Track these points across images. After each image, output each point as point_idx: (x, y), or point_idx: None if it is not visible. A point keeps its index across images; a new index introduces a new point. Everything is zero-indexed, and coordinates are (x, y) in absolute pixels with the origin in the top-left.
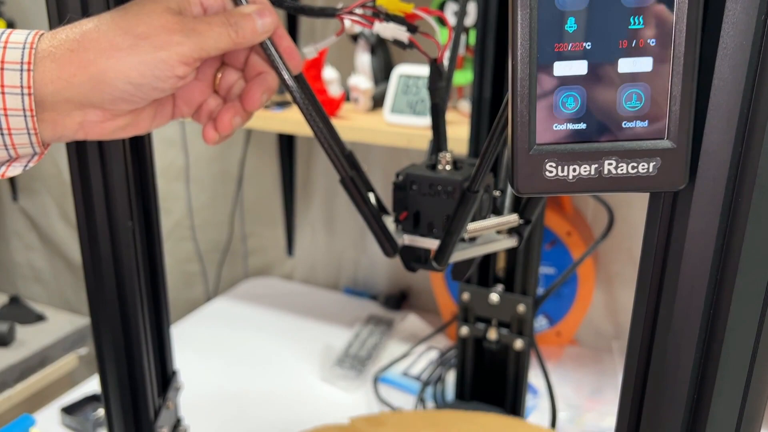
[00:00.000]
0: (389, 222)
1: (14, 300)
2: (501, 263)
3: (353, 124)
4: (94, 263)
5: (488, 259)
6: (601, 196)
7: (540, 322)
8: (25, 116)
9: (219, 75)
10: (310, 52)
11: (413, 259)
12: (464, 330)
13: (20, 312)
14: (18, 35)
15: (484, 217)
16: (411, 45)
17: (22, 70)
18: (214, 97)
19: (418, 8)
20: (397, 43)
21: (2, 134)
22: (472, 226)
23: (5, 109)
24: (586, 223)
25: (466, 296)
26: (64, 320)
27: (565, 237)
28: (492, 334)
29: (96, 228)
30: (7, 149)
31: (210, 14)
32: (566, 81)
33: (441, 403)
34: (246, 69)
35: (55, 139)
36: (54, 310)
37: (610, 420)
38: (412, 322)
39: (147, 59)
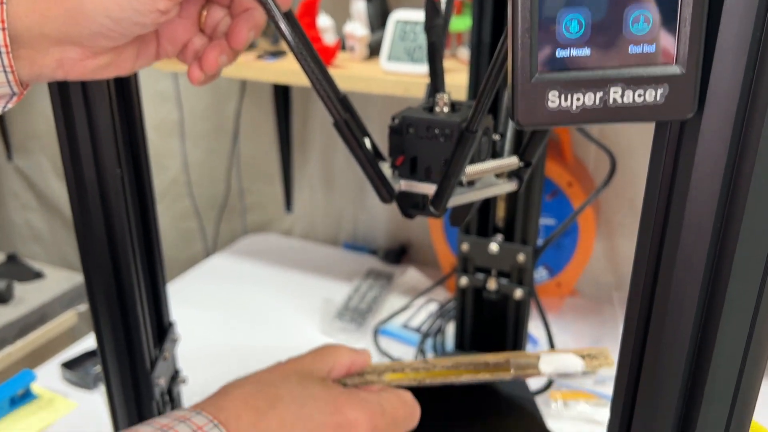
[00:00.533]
0: (386, 168)
1: (12, 258)
2: (501, 213)
3: (349, 73)
4: (82, 211)
5: (488, 209)
6: (603, 142)
7: (540, 274)
8: None
9: (204, 12)
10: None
11: (410, 205)
12: (464, 280)
13: (18, 270)
14: None
15: (483, 161)
16: None
17: None
18: (200, 36)
19: None
20: None
21: None
22: (470, 169)
23: None
24: (588, 174)
25: (465, 247)
26: (62, 277)
27: (566, 187)
28: (492, 284)
29: (83, 176)
30: None
31: None
32: (571, 2)
33: (441, 354)
34: (232, 5)
35: (33, 79)
36: (52, 267)
37: (610, 369)
38: (411, 275)
39: None
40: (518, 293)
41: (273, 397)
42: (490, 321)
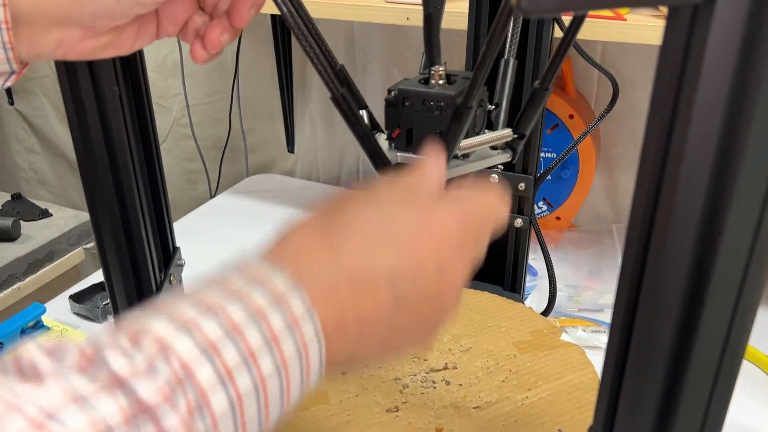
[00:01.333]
0: (382, 140)
1: (17, 197)
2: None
3: (351, 2)
4: (86, 147)
5: None
6: (605, 67)
7: (540, 208)
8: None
9: None
10: None
11: None
12: None
13: (24, 208)
14: None
15: (478, 133)
16: None
17: None
18: (200, 14)
19: None
20: None
21: None
22: (464, 143)
23: None
24: (589, 107)
25: None
26: (68, 215)
27: (567, 120)
28: None
29: (85, 112)
30: None
31: None
32: None
33: None
34: None
35: (32, 57)
36: (58, 207)
37: (608, 298)
38: None
39: None
40: (518, 222)
41: (342, 223)
42: (490, 250)
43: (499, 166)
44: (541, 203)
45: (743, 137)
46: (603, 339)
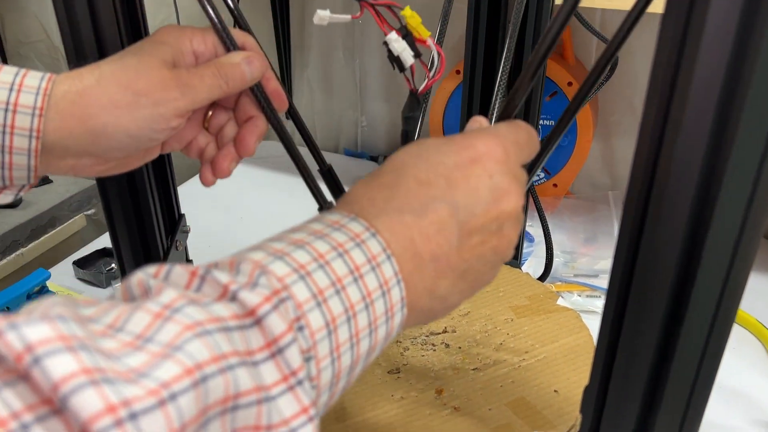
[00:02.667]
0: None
1: None
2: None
3: None
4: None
5: (486, 109)
6: (604, 34)
7: (537, 175)
8: (29, 156)
9: (209, 113)
10: (322, 18)
11: None
12: None
13: None
14: (32, 79)
15: None
16: (403, 68)
17: (33, 114)
18: (204, 135)
19: (431, 38)
20: (396, 60)
21: (3, 168)
22: None
23: (11, 148)
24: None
25: None
26: (69, 182)
27: (566, 88)
28: None
29: (81, 38)
30: (3, 181)
31: (201, 62)
32: None
33: None
34: (236, 111)
35: (43, 173)
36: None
37: (603, 264)
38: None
39: (146, 114)
40: None
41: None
42: None
43: None
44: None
45: (741, 105)
46: (598, 304)
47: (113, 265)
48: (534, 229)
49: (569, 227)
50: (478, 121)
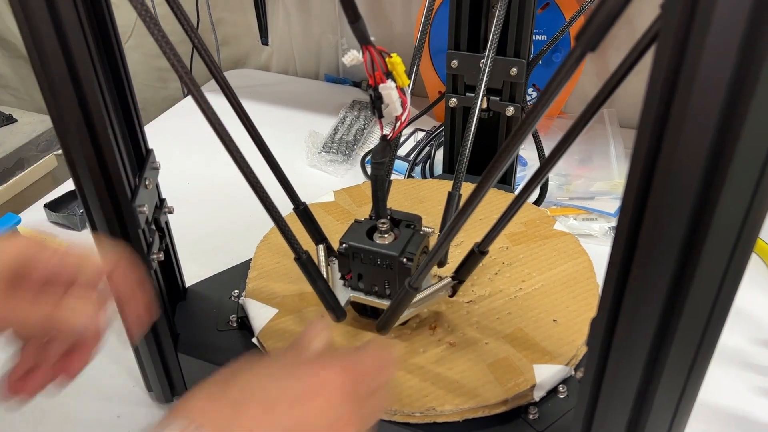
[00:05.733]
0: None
1: None
2: (492, 25)
3: None
4: (30, 26)
5: (478, 24)
6: None
7: (529, 95)
8: None
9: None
10: (352, 59)
11: (360, 309)
12: (453, 101)
13: None
14: None
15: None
16: (382, 115)
17: None
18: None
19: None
20: (376, 105)
21: None
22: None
23: None
24: None
25: (454, 63)
26: (35, 120)
27: None
28: (482, 103)
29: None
30: None
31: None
32: None
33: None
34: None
35: None
36: (23, 112)
37: (599, 185)
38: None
39: None
40: (510, 110)
41: (237, 381)
42: (480, 141)
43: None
44: (530, 89)
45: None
46: (594, 227)
47: None
48: (527, 152)
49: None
50: (317, 331)
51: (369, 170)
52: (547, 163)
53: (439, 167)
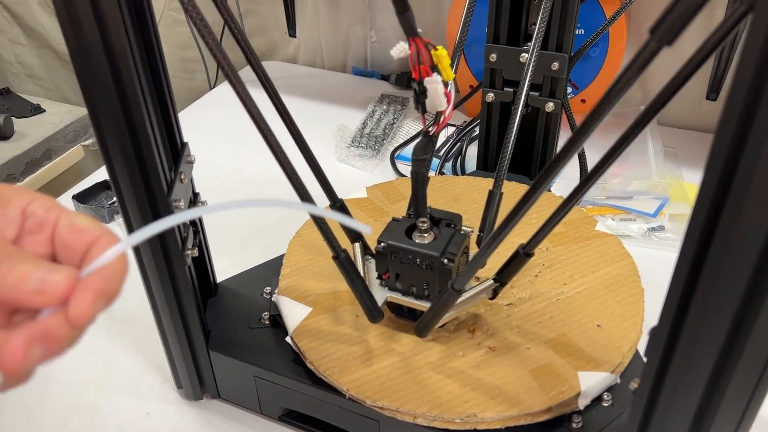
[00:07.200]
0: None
1: (6, 92)
2: (534, 18)
3: None
4: (72, 22)
5: (519, 15)
6: None
7: None
8: None
9: None
10: (400, 51)
11: (397, 310)
12: (490, 96)
13: (15, 104)
14: None
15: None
16: (426, 109)
17: None
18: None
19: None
20: (420, 100)
21: None
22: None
23: None
24: None
25: (493, 57)
26: (62, 111)
27: None
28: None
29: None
30: None
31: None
32: None
33: (461, 175)
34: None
35: None
36: (51, 102)
37: (636, 184)
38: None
39: None
40: (549, 106)
41: None
42: (517, 139)
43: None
44: None
45: None
46: (633, 227)
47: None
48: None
49: (600, 146)
50: None
51: (398, 166)
52: (595, 172)
53: (470, 163)
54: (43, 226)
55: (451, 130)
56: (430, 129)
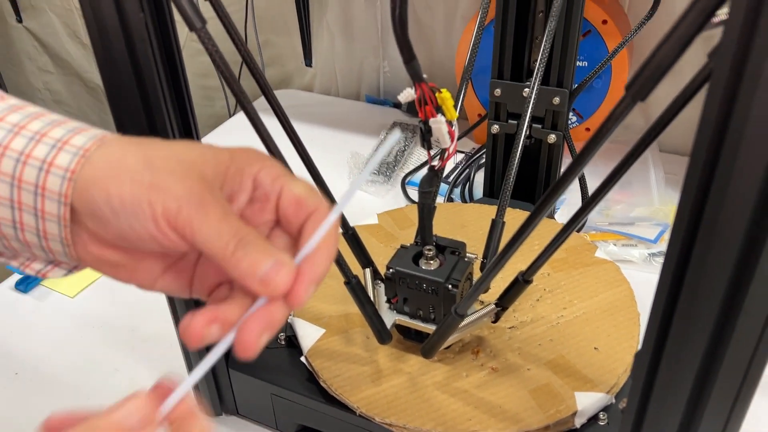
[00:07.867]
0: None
1: None
2: (535, 55)
3: None
4: (108, 61)
5: (522, 53)
6: None
7: (569, 119)
8: (59, 224)
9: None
10: (408, 96)
11: (405, 332)
12: (495, 127)
13: None
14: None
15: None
16: (431, 146)
17: (63, 177)
18: (227, 287)
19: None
20: (426, 138)
21: (39, 237)
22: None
23: (43, 212)
24: (623, 11)
25: (498, 92)
26: None
27: (600, 26)
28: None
29: (105, 22)
30: (45, 252)
31: (258, 194)
32: None
33: (469, 202)
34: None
35: (78, 257)
36: None
37: (639, 211)
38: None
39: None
40: (551, 138)
41: None
42: (521, 168)
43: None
44: (570, 114)
45: None
46: (634, 253)
47: None
48: None
49: (603, 173)
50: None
51: (409, 192)
52: (595, 197)
53: (478, 189)
54: (269, 197)
55: (460, 156)
56: (435, 164)
